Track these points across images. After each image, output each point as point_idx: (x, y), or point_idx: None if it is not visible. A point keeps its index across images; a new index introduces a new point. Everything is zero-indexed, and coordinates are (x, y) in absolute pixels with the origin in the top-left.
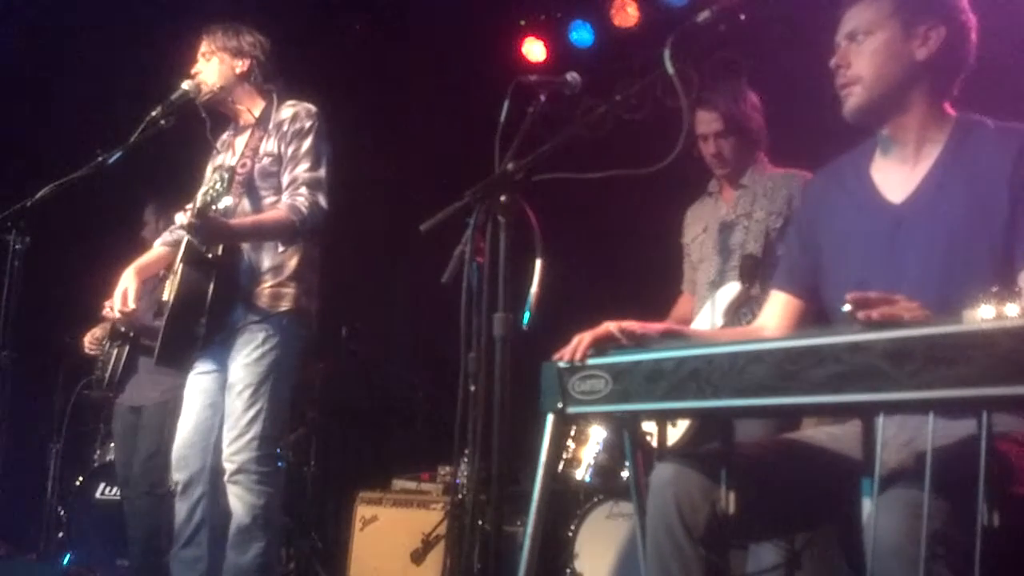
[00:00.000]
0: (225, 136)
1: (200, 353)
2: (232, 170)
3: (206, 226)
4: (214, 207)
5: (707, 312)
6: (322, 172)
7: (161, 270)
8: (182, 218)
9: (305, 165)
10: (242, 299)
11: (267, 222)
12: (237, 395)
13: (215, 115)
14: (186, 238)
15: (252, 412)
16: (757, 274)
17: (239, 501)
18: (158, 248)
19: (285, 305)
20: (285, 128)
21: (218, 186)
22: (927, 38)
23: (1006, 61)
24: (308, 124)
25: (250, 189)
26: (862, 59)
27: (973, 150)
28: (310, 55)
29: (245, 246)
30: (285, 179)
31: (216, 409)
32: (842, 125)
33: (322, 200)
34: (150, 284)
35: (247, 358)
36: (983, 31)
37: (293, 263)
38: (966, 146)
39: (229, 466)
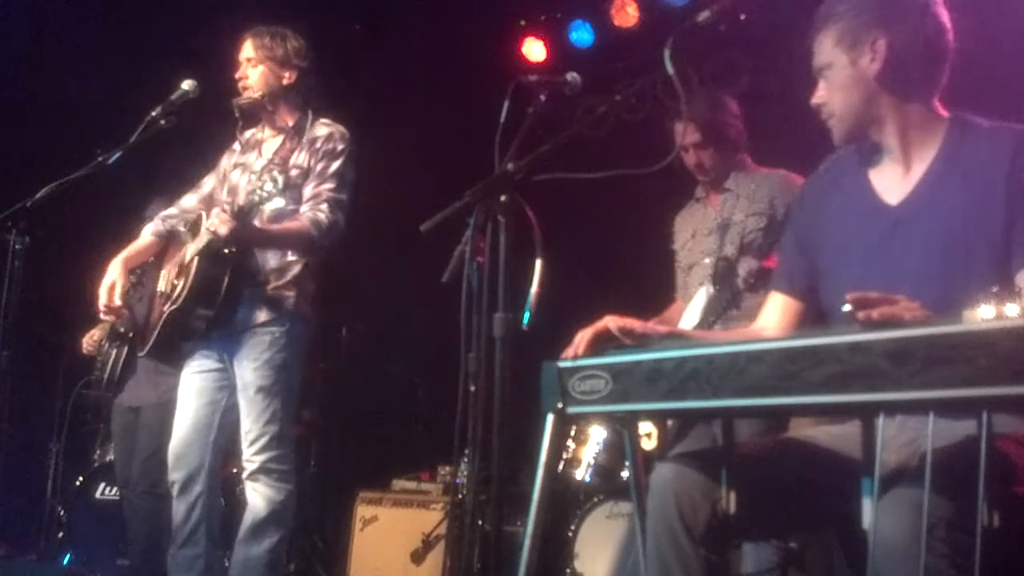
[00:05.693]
0: (249, 135)
1: (196, 350)
2: (286, 174)
3: (243, 229)
4: (262, 207)
5: (690, 314)
6: (344, 195)
7: (149, 259)
8: (219, 215)
9: (331, 184)
10: (247, 298)
11: (291, 231)
12: (252, 397)
13: (245, 115)
14: (203, 233)
15: (269, 413)
16: (728, 277)
17: (259, 496)
18: (147, 237)
19: (288, 307)
20: (318, 145)
21: (268, 187)
22: (874, 52)
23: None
24: (341, 147)
25: None
26: (829, 94)
27: (968, 151)
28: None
29: None
30: (308, 191)
31: (215, 407)
32: None
33: (341, 221)
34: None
35: (256, 360)
36: (982, 31)
37: (296, 269)
38: (961, 147)
39: (250, 466)
